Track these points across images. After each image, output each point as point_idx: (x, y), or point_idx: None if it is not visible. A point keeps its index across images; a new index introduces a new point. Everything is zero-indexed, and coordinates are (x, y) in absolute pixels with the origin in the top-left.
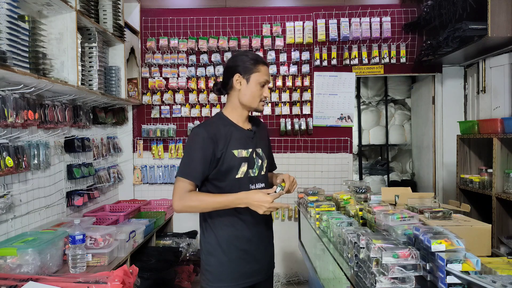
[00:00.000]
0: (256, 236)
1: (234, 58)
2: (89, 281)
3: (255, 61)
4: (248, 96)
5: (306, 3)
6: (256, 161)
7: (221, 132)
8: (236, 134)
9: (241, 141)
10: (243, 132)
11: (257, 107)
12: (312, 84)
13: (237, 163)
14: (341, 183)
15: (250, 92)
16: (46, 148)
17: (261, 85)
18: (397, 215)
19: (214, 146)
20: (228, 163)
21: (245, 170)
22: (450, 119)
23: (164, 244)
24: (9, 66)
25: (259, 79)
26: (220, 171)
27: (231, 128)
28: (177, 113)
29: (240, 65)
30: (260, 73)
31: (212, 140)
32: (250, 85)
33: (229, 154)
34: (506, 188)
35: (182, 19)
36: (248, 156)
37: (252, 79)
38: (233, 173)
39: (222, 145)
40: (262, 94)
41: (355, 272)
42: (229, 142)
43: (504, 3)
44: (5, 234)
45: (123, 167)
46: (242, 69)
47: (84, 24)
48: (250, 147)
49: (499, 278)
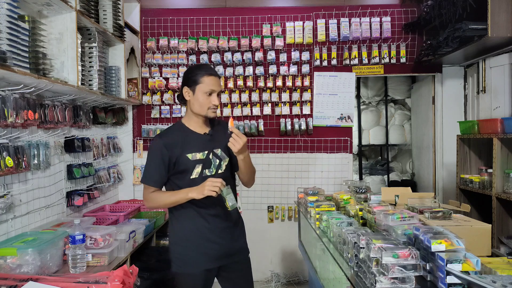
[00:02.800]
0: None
1: (185, 72)
2: (89, 281)
3: (200, 73)
4: (197, 106)
5: (306, 3)
6: (213, 161)
7: (177, 139)
8: (191, 140)
9: (197, 145)
10: (199, 136)
11: (207, 114)
12: (312, 84)
13: (191, 165)
14: (341, 183)
15: (197, 102)
16: (46, 148)
17: (208, 94)
18: (397, 215)
19: (170, 153)
20: (183, 166)
21: (200, 171)
22: (450, 119)
23: (164, 244)
24: (9, 66)
25: (204, 89)
26: (177, 172)
27: (187, 134)
28: (177, 113)
29: (187, 78)
30: (204, 84)
31: (167, 148)
32: (196, 96)
33: (184, 158)
34: (506, 188)
35: (182, 19)
36: (204, 157)
37: (197, 90)
38: (188, 174)
39: (177, 151)
40: (210, 103)
41: (355, 272)
42: (184, 147)
43: (504, 3)
44: (5, 234)
45: (123, 167)
46: (189, 82)
47: (84, 24)
48: (206, 150)
49: (499, 278)
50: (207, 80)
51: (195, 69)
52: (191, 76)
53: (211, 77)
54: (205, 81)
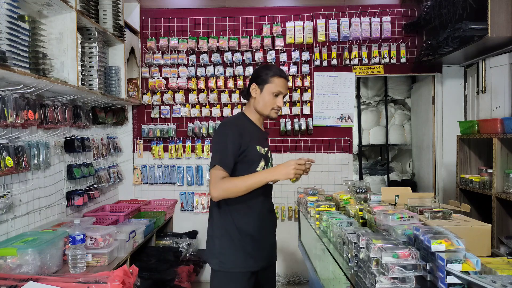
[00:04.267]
0: (263, 226)
1: (256, 69)
2: (89, 281)
3: (271, 73)
4: (261, 104)
5: (306, 3)
6: (270, 160)
7: (246, 128)
8: (257, 133)
9: (260, 140)
10: (261, 132)
11: (269, 115)
12: (312, 84)
13: (258, 157)
14: (341, 183)
15: (263, 100)
16: (46, 148)
17: (274, 95)
18: (397, 215)
19: (241, 140)
20: (251, 156)
21: (263, 165)
22: (450, 119)
23: (164, 244)
24: (9, 66)
25: (272, 89)
26: (243, 162)
27: (253, 126)
28: (177, 113)
29: (257, 76)
30: (273, 84)
31: (240, 134)
32: (263, 94)
33: (253, 148)
34: (506, 188)
35: (182, 19)
36: (264, 154)
37: (265, 89)
38: (254, 165)
39: (247, 139)
40: (275, 103)
41: (355, 272)
42: (252, 137)
43: (504, 3)
44: (5, 234)
45: (123, 167)
46: (258, 80)
47: (84, 24)
48: (266, 147)
49: (499, 278)
50: (277, 81)
51: (266, 68)
52: (262, 75)
53: (281, 79)
54: (275, 81)
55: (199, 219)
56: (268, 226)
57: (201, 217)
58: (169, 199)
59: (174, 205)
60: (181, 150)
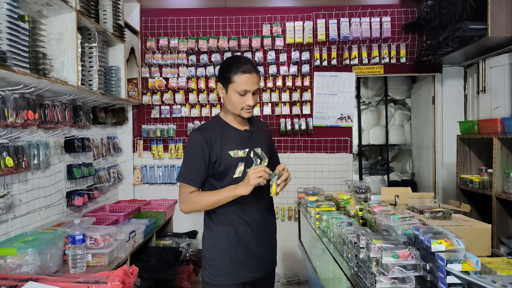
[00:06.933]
0: (256, 233)
1: (221, 64)
2: (89, 281)
3: (233, 70)
4: (230, 105)
5: (306, 3)
6: (255, 160)
7: (217, 135)
8: (232, 135)
9: (237, 142)
10: (239, 133)
11: (240, 114)
12: (312, 84)
13: (234, 163)
14: (341, 183)
15: (229, 101)
16: (46, 148)
17: (240, 94)
18: (398, 216)
19: (210, 149)
20: (225, 164)
21: (242, 169)
22: (450, 119)
23: (164, 244)
24: (9, 66)
25: (237, 89)
26: (218, 172)
27: (226, 130)
28: (177, 113)
29: (221, 73)
30: (237, 84)
31: (207, 143)
32: (229, 95)
33: (225, 155)
34: (506, 188)
35: (182, 19)
36: (245, 156)
37: (230, 89)
38: (230, 173)
39: (217, 147)
40: (244, 103)
41: (355, 272)
42: (224, 143)
43: (504, 3)
44: (5, 234)
45: (123, 167)
46: (222, 79)
47: (84, 24)
48: (247, 147)
49: (499, 278)
50: (241, 79)
51: (230, 64)
52: (224, 73)
53: (244, 76)
54: (239, 80)
55: (199, 219)
56: (263, 232)
57: (201, 217)
58: (169, 199)
59: (174, 205)
60: (181, 150)
